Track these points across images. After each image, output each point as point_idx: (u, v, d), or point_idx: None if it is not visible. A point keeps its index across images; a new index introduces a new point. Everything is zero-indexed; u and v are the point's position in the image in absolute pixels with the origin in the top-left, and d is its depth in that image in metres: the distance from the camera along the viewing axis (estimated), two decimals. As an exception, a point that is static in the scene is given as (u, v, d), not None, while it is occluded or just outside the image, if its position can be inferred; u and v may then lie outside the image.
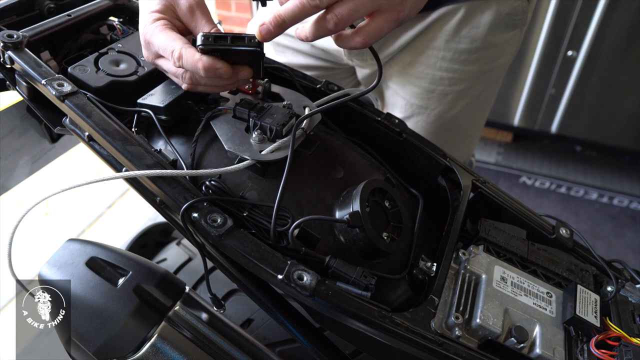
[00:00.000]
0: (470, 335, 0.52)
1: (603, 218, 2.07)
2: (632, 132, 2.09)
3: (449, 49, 0.88)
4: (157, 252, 1.09)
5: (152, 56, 0.60)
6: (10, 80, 0.64)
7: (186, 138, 0.61)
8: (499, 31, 0.87)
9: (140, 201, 0.57)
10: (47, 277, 0.52)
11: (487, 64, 0.91)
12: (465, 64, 0.89)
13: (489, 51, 0.89)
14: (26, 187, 1.77)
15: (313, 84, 0.73)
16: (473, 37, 0.86)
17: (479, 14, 0.84)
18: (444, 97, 0.94)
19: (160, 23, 0.58)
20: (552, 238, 0.66)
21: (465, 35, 0.86)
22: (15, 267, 0.53)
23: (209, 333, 0.53)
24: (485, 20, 0.84)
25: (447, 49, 0.88)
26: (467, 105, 0.96)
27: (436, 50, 0.89)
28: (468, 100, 0.95)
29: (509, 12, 0.85)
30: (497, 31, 0.87)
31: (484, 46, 0.88)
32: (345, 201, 0.56)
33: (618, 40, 1.87)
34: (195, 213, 0.49)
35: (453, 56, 0.89)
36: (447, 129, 0.98)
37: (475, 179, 0.68)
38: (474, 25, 0.85)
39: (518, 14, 0.86)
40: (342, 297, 0.48)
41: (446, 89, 0.93)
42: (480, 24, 0.85)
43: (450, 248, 0.58)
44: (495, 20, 0.85)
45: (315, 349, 0.54)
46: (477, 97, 0.97)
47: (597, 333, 0.54)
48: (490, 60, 0.91)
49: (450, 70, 0.90)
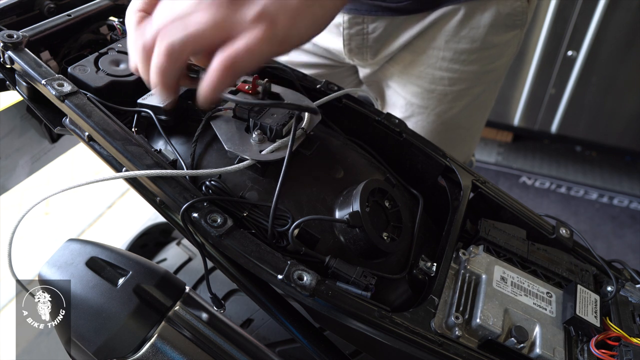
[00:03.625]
0: (470, 335, 0.52)
1: (603, 218, 2.07)
2: (632, 132, 2.09)
3: (449, 49, 0.88)
4: (157, 252, 1.09)
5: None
6: (10, 80, 0.64)
7: (186, 138, 0.61)
8: (499, 31, 0.87)
9: (140, 201, 0.57)
10: (47, 277, 0.52)
11: (487, 64, 0.91)
12: (466, 64, 0.90)
13: (489, 51, 0.89)
14: (26, 187, 1.77)
15: (313, 84, 0.73)
16: (473, 37, 0.86)
17: (479, 15, 0.84)
18: (444, 96, 0.94)
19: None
20: (552, 238, 0.66)
21: (465, 36, 0.86)
22: (15, 267, 0.53)
23: (209, 333, 0.53)
24: (485, 20, 0.85)
25: (447, 49, 0.88)
26: (468, 105, 0.96)
27: (436, 50, 0.89)
28: (468, 100, 0.96)
29: (509, 13, 0.85)
30: (497, 31, 0.87)
31: (484, 46, 0.88)
32: (345, 201, 0.56)
33: (618, 40, 1.87)
34: (195, 213, 0.49)
35: (453, 56, 0.89)
36: (448, 129, 0.99)
37: (475, 179, 0.68)
38: (473, 26, 0.85)
39: (518, 15, 0.86)
40: (342, 297, 0.48)
41: (446, 88, 0.93)
42: (480, 25, 0.85)
43: (450, 248, 0.58)
44: (495, 21, 0.85)
45: (315, 349, 0.54)
46: (478, 97, 0.97)
47: (597, 333, 0.54)
48: (490, 60, 0.91)
49: (451, 70, 0.90)
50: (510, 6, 0.84)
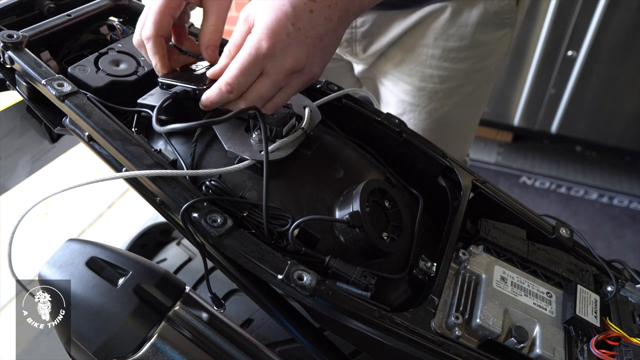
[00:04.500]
0: (470, 335, 0.52)
1: (603, 218, 2.07)
2: (632, 132, 2.09)
3: (437, 47, 0.89)
4: (157, 252, 1.09)
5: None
6: (10, 80, 0.64)
7: (186, 138, 0.61)
8: (488, 30, 0.88)
9: (140, 201, 0.57)
10: (47, 277, 0.52)
11: (476, 63, 0.92)
12: (455, 62, 0.90)
13: (478, 50, 0.90)
14: (26, 187, 1.77)
15: (313, 84, 0.73)
16: (461, 35, 0.87)
17: (467, 13, 0.85)
18: (434, 94, 0.95)
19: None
20: (552, 238, 0.66)
21: (453, 34, 0.87)
22: (15, 267, 0.53)
23: (209, 333, 0.53)
24: (473, 18, 0.85)
25: (436, 46, 0.89)
26: (458, 103, 0.97)
27: (425, 47, 0.90)
28: (458, 98, 0.96)
29: (497, 11, 0.86)
30: (485, 30, 0.87)
31: (473, 44, 0.88)
32: (345, 201, 0.56)
33: (618, 40, 1.87)
34: (195, 213, 0.49)
35: (442, 54, 0.89)
36: (438, 127, 0.99)
37: (475, 179, 0.68)
38: (461, 24, 0.86)
39: (506, 13, 0.87)
40: (342, 297, 0.48)
41: (436, 86, 0.94)
42: (469, 23, 0.86)
43: (450, 248, 0.58)
44: (483, 19, 0.86)
45: (315, 349, 0.54)
46: (468, 96, 0.97)
47: (597, 333, 0.54)
48: (479, 59, 0.92)
49: (440, 68, 0.91)
50: (497, 4, 0.85)
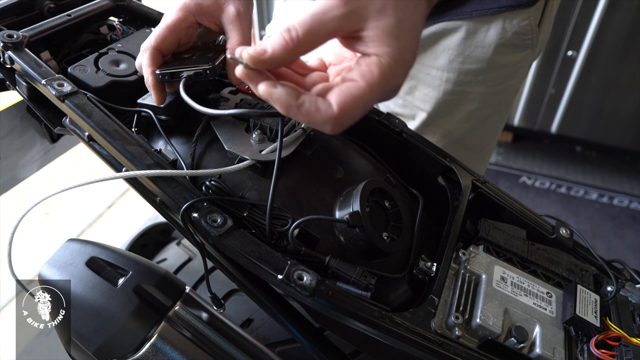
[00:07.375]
0: (470, 335, 0.52)
1: (603, 218, 2.07)
2: (632, 132, 2.09)
3: (452, 70, 0.85)
4: (157, 252, 1.09)
5: None
6: (10, 80, 0.64)
7: (186, 138, 0.61)
8: (507, 51, 0.83)
9: (140, 201, 0.57)
10: (47, 277, 0.52)
11: (495, 85, 0.87)
12: (472, 85, 0.86)
13: (497, 72, 0.85)
14: (26, 187, 1.77)
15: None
16: (478, 57, 0.82)
17: (483, 32, 0.80)
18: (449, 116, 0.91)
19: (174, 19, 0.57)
20: (552, 238, 0.66)
21: (469, 55, 0.83)
22: (15, 267, 0.53)
23: (209, 333, 0.53)
24: (491, 39, 0.81)
25: (450, 69, 0.85)
26: (475, 126, 0.92)
27: (440, 71, 0.85)
28: (476, 121, 0.92)
29: (517, 32, 0.81)
30: (504, 51, 0.83)
31: (491, 67, 0.84)
32: (345, 201, 0.56)
33: (618, 40, 1.87)
34: (195, 213, 0.49)
35: (457, 78, 0.85)
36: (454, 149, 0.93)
37: (475, 179, 0.68)
38: (478, 44, 0.81)
39: (527, 33, 0.82)
40: (342, 297, 0.48)
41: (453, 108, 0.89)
42: (486, 43, 0.81)
43: (450, 248, 0.58)
44: (502, 40, 0.81)
45: (315, 349, 0.54)
46: (486, 119, 0.93)
47: (597, 333, 0.54)
48: (498, 81, 0.87)
49: (456, 92, 0.87)
50: (517, 24, 0.80)
